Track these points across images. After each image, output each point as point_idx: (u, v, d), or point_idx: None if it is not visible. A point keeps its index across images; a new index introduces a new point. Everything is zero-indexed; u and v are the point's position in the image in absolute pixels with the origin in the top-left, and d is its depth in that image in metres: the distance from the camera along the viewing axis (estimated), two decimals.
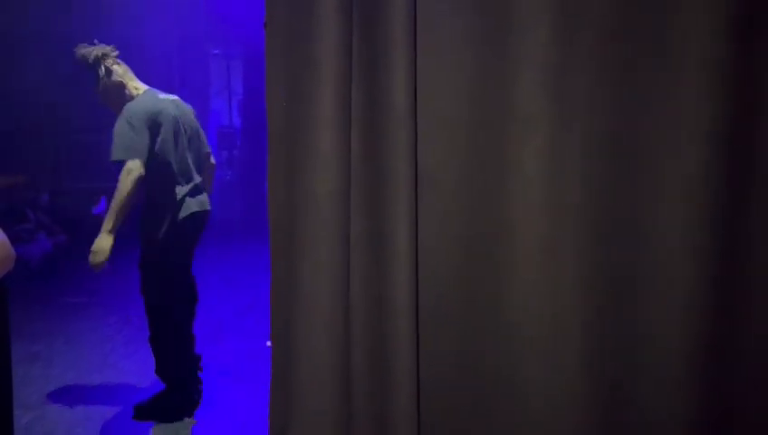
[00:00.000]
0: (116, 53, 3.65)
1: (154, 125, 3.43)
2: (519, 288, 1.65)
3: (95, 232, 3.40)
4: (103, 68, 3.60)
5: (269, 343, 4.07)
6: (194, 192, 3.56)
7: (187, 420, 3.61)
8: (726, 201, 1.55)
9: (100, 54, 3.60)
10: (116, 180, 3.48)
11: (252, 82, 10.24)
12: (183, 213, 3.48)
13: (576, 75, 1.58)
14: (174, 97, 3.73)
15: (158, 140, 3.43)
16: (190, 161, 3.58)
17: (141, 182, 3.33)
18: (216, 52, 10.87)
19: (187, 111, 3.72)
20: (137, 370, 4.12)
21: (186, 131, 3.60)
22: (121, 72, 3.64)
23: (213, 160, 3.90)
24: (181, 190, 3.50)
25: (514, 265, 1.65)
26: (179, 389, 3.65)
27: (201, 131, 3.79)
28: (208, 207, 3.62)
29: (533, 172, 1.61)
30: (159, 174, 3.43)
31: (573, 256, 1.62)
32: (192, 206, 3.51)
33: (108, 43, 3.70)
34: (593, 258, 1.63)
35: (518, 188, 1.63)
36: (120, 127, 3.40)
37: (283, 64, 1.67)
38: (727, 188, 1.55)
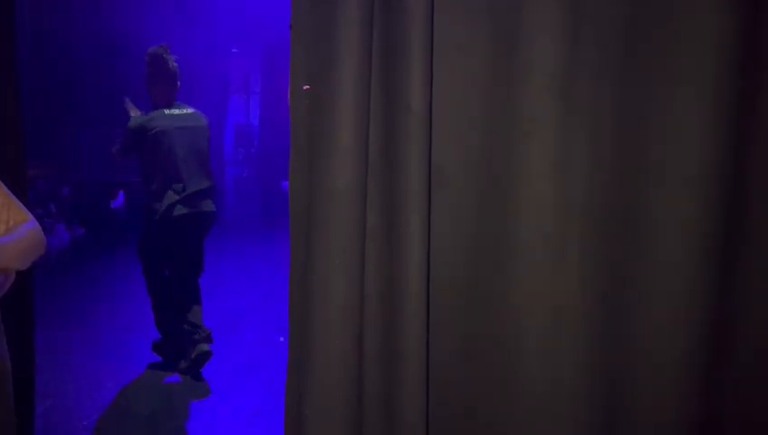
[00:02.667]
0: (156, 60, 3.84)
1: (143, 140, 3.84)
2: (525, 282, 1.67)
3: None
4: (154, 70, 3.88)
5: (282, 339, 4.18)
6: (187, 199, 3.88)
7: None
8: (731, 201, 1.56)
9: (154, 55, 3.86)
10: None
11: (269, 81, 10.31)
12: (170, 214, 3.85)
13: (584, 75, 1.60)
14: (185, 112, 3.95)
15: (144, 153, 3.87)
16: (184, 171, 3.88)
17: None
18: (236, 50, 10.93)
19: (198, 127, 3.97)
20: (154, 359, 4.20)
21: (187, 146, 3.89)
22: (164, 78, 3.88)
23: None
24: (170, 197, 3.84)
25: (521, 259, 1.67)
26: (169, 343, 4.18)
27: (205, 145, 4.04)
28: (201, 209, 3.96)
29: (541, 170, 1.64)
30: (147, 181, 3.90)
31: (578, 253, 1.64)
32: (178, 209, 3.86)
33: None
34: (597, 255, 1.64)
35: (526, 186, 1.65)
36: None
37: (306, 64, 1.71)
38: (732, 188, 1.55)
